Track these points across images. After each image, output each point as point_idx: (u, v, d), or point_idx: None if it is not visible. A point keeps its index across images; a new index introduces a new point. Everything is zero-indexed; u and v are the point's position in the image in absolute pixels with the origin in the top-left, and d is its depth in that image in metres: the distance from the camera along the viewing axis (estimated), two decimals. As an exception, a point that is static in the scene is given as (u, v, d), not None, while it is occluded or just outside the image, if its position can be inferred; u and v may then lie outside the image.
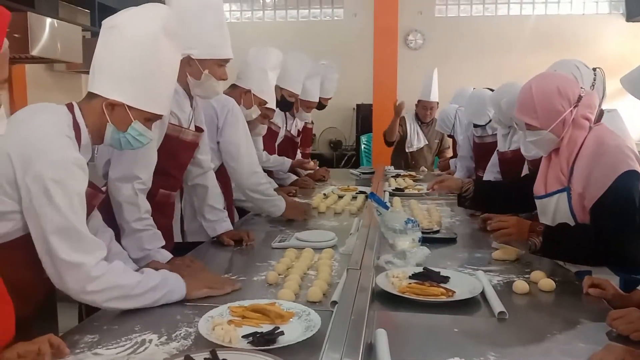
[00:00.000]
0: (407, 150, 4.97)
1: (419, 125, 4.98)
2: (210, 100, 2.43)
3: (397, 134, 4.94)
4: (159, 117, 1.59)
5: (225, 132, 2.47)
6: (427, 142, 5.00)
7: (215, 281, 1.65)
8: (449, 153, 5.08)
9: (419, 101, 4.95)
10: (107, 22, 1.51)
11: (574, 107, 1.87)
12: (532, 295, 1.65)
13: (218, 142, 2.49)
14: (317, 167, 4.17)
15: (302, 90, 3.78)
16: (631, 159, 1.79)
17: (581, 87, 1.93)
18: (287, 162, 3.79)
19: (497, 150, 3.28)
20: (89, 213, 1.55)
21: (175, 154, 2.04)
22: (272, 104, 2.98)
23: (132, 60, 1.48)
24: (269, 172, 3.58)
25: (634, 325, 1.34)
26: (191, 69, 1.97)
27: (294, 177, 4.04)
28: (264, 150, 3.49)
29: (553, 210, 1.94)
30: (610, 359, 1.14)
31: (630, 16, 8.02)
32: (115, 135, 1.52)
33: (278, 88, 3.68)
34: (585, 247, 1.81)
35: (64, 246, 1.34)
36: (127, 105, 1.49)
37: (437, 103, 4.90)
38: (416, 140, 4.97)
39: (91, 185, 1.49)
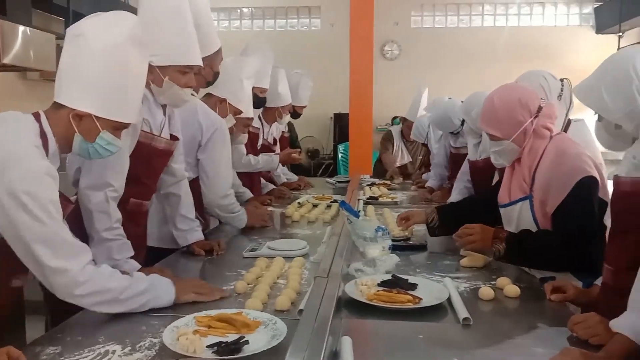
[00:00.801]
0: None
1: (404, 143, 5.18)
2: (199, 115, 2.42)
3: (389, 150, 5.18)
4: (127, 125, 1.58)
5: (208, 150, 2.46)
6: (410, 160, 5.19)
7: (204, 287, 1.66)
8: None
9: (404, 119, 5.10)
10: (72, 30, 1.49)
11: (535, 118, 1.94)
12: (498, 301, 1.67)
13: (198, 159, 2.48)
14: (301, 158, 4.20)
15: (277, 96, 3.80)
16: (589, 166, 1.84)
17: (541, 98, 1.99)
18: (275, 158, 3.81)
19: (468, 159, 3.31)
20: (58, 222, 1.54)
21: (148, 161, 2.03)
22: (249, 112, 3.00)
23: (99, 70, 1.46)
24: (250, 177, 3.57)
25: (592, 330, 1.37)
26: (152, 76, 1.93)
27: (272, 186, 4.04)
28: (248, 154, 3.49)
29: (517, 218, 1.98)
30: None
31: (600, 29, 8.26)
32: (83, 145, 1.51)
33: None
34: (547, 252, 1.86)
35: (48, 253, 1.35)
36: (95, 116, 1.48)
37: None
38: (400, 156, 5.18)
39: (60, 195, 1.48)
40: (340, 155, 8.06)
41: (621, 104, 1.45)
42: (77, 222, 1.79)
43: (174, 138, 2.13)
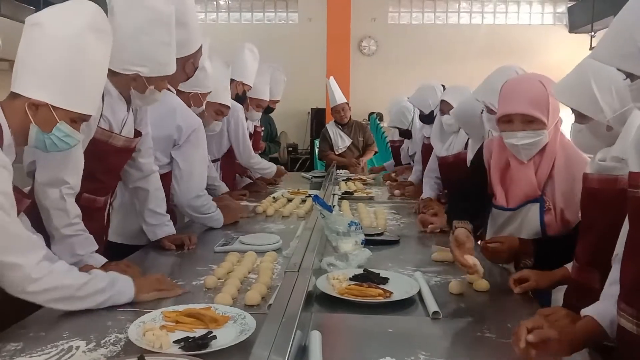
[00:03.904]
0: (336, 153, 5.48)
1: (340, 129, 5.48)
2: (177, 114, 2.39)
3: (326, 149, 5.52)
4: (87, 117, 1.54)
5: (184, 150, 2.42)
6: (351, 141, 5.47)
7: (165, 283, 1.63)
8: (375, 148, 5.64)
9: (332, 109, 5.47)
10: (30, 19, 1.46)
11: None
12: (467, 295, 1.69)
13: (172, 157, 2.44)
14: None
15: (252, 88, 3.77)
16: None
17: None
18: (274, 168, 4.02)
19: (437, 156, 3.25)
20: (14, 217, 1.49)
21: (104, 158, 1.96)
22: (220, 98, 2.98)
23: (56, 58, 1.43)
24: (224, 170, 3.54)
25: (559, 324, 1.39)
26: (136, 84, 1.92)
27: (248, 181, 4.01)
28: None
29: (520, 220, 1.88)
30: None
31: (573, 28, 8.41)
32: (39, 136, 1.46)
33: (234, 81, 3.69)
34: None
35: None
36: (52, 106, 1.44)
37: (347, 103, 5.45)
38: (340, 141, 5.47)
39: (16, 189, 1.44)
40: (317, 150, 8.06)
41: (617, 104, 1.38)
42: (38, 218, 1.75)
43: (137, 134, 2.08)
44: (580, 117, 1.48)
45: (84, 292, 1.43)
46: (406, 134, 4.42)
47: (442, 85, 3.68)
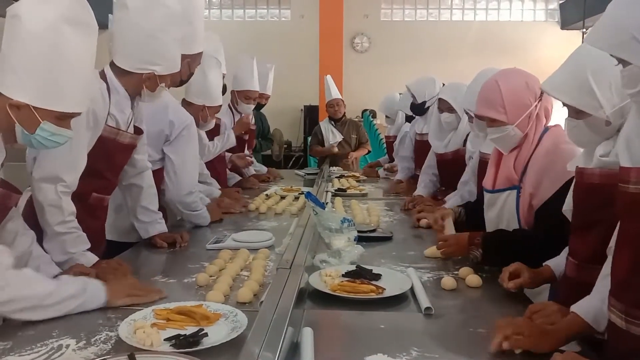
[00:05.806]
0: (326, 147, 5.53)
1: (333, 125, 5.50)
2: (169, 110, 2.40)
3: (315, 144, 5.58)
4: (75, 114, 1.48)
5: (176, 146, 2.42)
6: (343, 137, 5.48)
7: (139, 288, 1.57)
8: (368, 146, 5.65)
9: (327, 103, 5.53)
10: (10, 10, 1.38)
11: (538, 102, 1.88)
12: (460, 291, 1.69)
13: (164, 153, 2.44)
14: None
15: (235, 80, 3.75)
16: None
17: None
18: (231, 134, 3.67)
19: (434, 153, 3.24)
20: (4, 215, 1.48)
21: (111, 156, 1.97)
22: (216, 100, 3.00)
23: (33, 55, 1.35)
24: (215, 167, 3.52)
25: (550, 318, 1.39)
26: (149, 83, 1.93)
27: (238, 178, 3.99)
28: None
29: (500, 206, 1.95)
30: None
31: (565, 24, 8.45)
32: (25, 136, 1.41)
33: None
34: (524, 252, 1.76)
35: None
36: (32, 106, 1.37)
37: (342, 100, 5.50)
38: (331, 136, 5.48)
39: (5, 185, 1.42)
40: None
41: (616, 99, 1.38)
42: (33, 214, 1.74)
43: (138, 131, 2.07)
44: (576, 113, 1.47)
45: (50, 301, 1.36)
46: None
47: (442, 83, 3.65)
